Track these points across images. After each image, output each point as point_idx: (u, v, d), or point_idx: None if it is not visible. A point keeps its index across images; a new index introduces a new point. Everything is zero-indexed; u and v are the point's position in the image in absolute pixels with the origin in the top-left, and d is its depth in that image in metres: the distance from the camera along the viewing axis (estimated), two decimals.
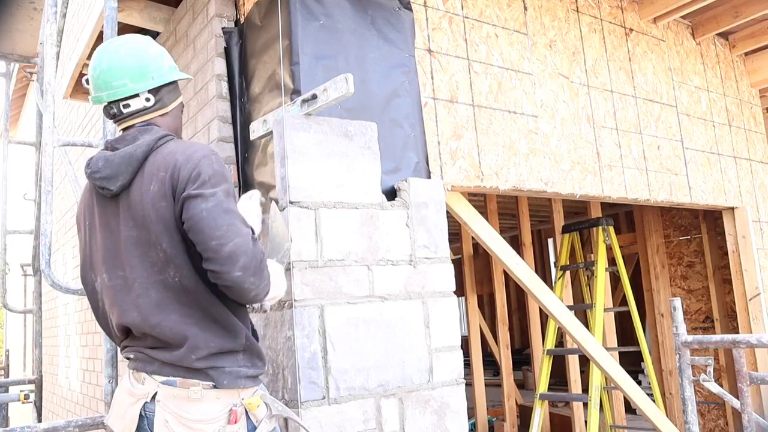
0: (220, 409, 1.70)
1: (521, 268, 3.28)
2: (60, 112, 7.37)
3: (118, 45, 1.90)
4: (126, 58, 1.86)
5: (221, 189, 1.69)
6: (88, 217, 1.89)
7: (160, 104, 1.90)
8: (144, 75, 1.86)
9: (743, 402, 3.03)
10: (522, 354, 10.96)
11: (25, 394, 4.33)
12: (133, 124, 1.88)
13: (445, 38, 3.04)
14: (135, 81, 1.85)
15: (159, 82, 1.88)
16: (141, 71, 1.86)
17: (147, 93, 1.87)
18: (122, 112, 1.87)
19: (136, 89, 1.85)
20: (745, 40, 4.71)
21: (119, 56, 1.86)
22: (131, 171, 1.77)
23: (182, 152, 1.75)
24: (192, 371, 1.71)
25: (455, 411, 2.60)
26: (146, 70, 1.87)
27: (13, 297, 8.70)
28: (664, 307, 6.22)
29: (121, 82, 1.84)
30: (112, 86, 1.85)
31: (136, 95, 1.86)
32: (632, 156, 3.76)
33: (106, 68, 1.85)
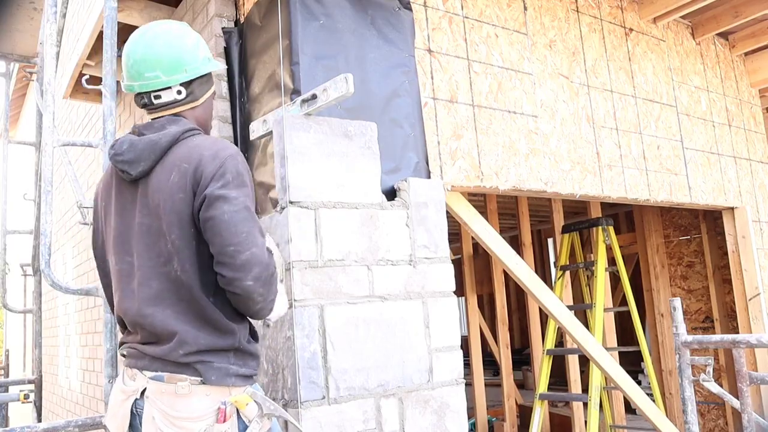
0: (207, 405, 1.66)
1: (521, 268, 3.28)
2: (60, 112, 7.37)
3: (155, 35, 1.85)
4: (161, 51, 1.82)
5: (244, 193, 1.69)
6: (104, 198, 1.90)
7: (191, 97, 1.88)
8: (177, 68, 1.83)
9: (743, 402, 3.03)
10: (522, 354, 10.96)
11: (25, 394, 4.33)
12: (163, 115, 1.86)
13: (445, 38, 3.04)
14: (168, 74, 1.82)
15: (191, 76, 1.85)
16: (174, 64, 1.83)
17: (179, 86, 1.84)
18: (153, 103, 1.85)
19: (168, 82, 1.82)
20: (745, 40, 4.71)
21: (154, 48, 1.83)
22: (153, 158, 1.76)
23: (209, 147, 1.74)
24: (180, 366, 1.68)
25: (455, 411, 2.60)
26: (180, 63, 1.83)
27: (12, 297, 8.70)
28: (664, 307, 6.22)
29: (153, 74, 1.82)
30: (144, 77, 1.82)
31: (168, 87, 1.83)
32: (632, 156, 3.76)
33: (140, 59, 1.82)
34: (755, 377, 3.03)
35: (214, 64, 1.94)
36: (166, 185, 1.71)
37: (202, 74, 1.88)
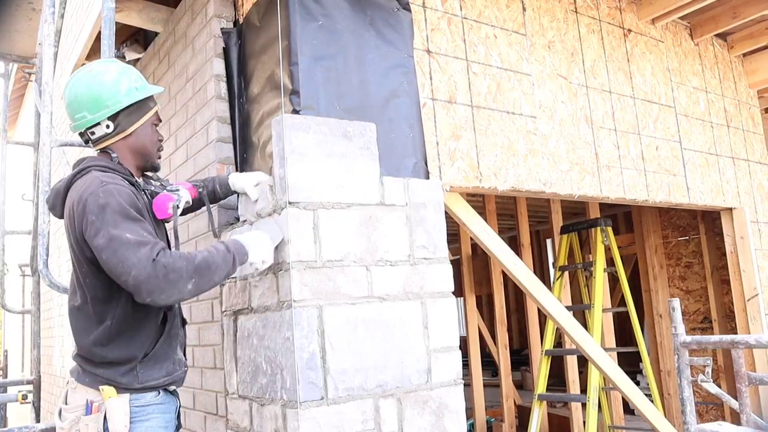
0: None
1: (520, 269, 3.28)
2: (58, 113, 7.35)
3: (77, 79, 2.06)
4: (82, 92, 2.03)
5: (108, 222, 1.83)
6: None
7: (119, 129, 2.08)
8: (99, 105, 2.03)
9: (741, 402, 3.04)
10: (520, 354, 10.96)
11: (24, 394, 4.32)
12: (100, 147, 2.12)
13: (443, 39, 3.04)
14: (92, 112, 2.03)
15: (114, 110, 2.04)
16: (96, 102, 2.02)
17: (107, 120, 2.04)
18: (91, 139, 2.10)
19: (94, 119, 2.04)
20: (744, 41, 4.72)
21: (76, 91, 2.04)
22: (60, 203, 2.04)
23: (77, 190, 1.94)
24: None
25: (453, 411, 2.59)
26: (101, 100, 2.02)
27: (11, 297, 8.68)
28: (663, 308, 6.23)
29: (80, 115, 2.04)
30: (75, 119, 2.06)
31: (97, 123, 2.05)
32: (631, 157, 3.76)
33: (69, 103, 2.06)
34: (754, 378, 3.03)
35: (142, 92, 2.10)
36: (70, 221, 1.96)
37: (125, 106, 2.06)
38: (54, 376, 7.41)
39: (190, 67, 3.25)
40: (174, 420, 2.14)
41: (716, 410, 5.85)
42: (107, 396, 1.94)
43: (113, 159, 2.09)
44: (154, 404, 2.04)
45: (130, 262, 1.77)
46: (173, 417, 2.13)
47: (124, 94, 2.05)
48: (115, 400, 1.94)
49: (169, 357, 2.12)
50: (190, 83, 3.24)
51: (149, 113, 2.14)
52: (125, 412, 1.94)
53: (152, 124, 2.17)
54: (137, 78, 2.12)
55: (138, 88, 2.09)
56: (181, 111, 3.34)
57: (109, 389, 1.95)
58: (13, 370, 11.31)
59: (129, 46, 4.09)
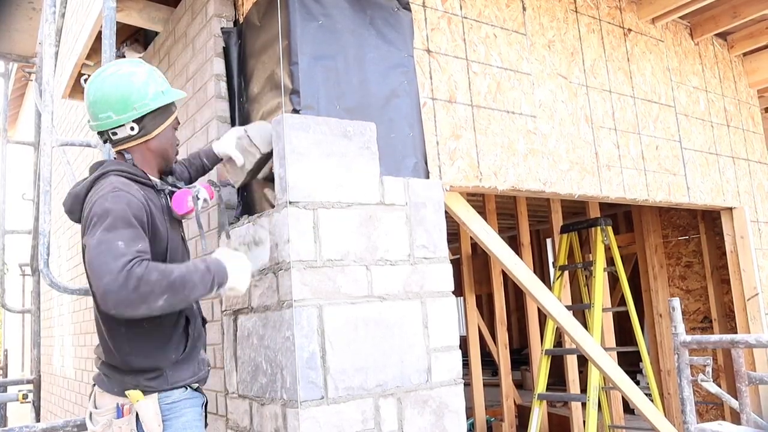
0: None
1: (520, 268, 3.28)
2: (58, 112, 7.37)
3: (104, 77, 2.02)
4: (110, 92, 1.99)
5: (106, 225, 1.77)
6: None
7: (143, 132, 2.04)
8: (126, 107, 1.99)
9: (742, 402, 3.04)
10: (520, 354, 10.96)
11: (24, 393, 4.32)
12: (121, 149, 2.07)
13: (443, 38, 3.04)
14: (119, 113, 1.99)
15: (141, 113, 2.01)
16: (124, 104, 1.98)
17: (132, 122, 2.01)
18: (112, 139, 2.05)
19: (120, 121, 1.99)
20: (744, 41, 4.72)
21: (103, 90, 2.00)
22: (79, 208, 1.97)
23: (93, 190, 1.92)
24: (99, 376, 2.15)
25: (453, 411, 2.60)
26: (129, 102, 1.99)
27: (11, 297, 8.68)
28: (663, 307, 6.23)
29: (105, 115, 1.99)
30: (98, 118, 2.00)
31: (121, 125, 2.01)
32: (631, 156, 3.76)
33: (93, 101, 2.01)
34: (754, 377, 3.03)
35: (168, 96, 2.08)
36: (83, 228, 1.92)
37: (153, 109, 2.03)
38: (54, 376, 7.41)
39: (190, 67, 3.25)
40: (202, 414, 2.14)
41: (716, 410, 5.85)
42: (135, 399, 1.93)
43: (128, 161, 2.05)
44: (184, 399, 2.03)
45: (107, 268, 1.70)
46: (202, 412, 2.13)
47: (152, 98, 2.03)
48: (144, 402, 1.93)
49: (195, 358, 2.11)
50: (190, 83, 3.24)
51: (171, 117, 2.13)
52: (156, 412, 1.94)
53: (173, 128, 2.16)
54: (163, 81, 2.11)
55: (164, 92, 2.07)
56: (182, 110, 3.34)
57: (135, 393, 1.93)
58: (13, 370, 11.32)
59: (129, 46, 4.09)
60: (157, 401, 1.95)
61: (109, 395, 1.97)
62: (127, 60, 2.12)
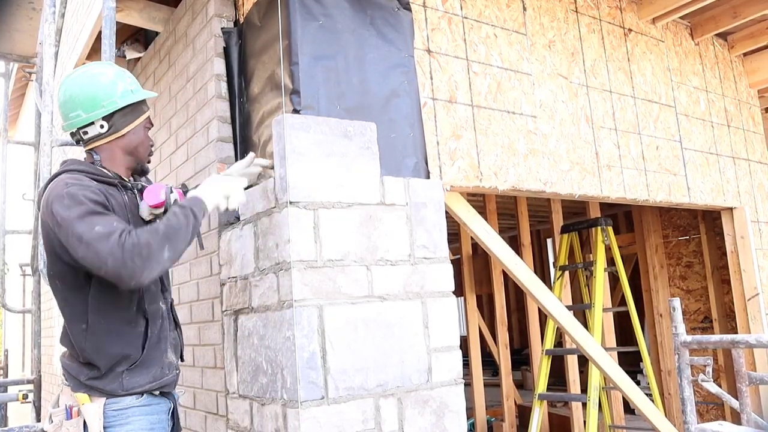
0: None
1: (520, 269, 3.28)
2: (58, 112, 7.35)
3: (73, 78, 2.09)
4: (78, 91, 2.05)
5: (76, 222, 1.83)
6: None
7: (113, 129, 2.08)
8: (95, 105, 2.04)
9: (742, 402, 3.04)
10: (521, 354, 10.97)
11: (24, 394, 4.32)
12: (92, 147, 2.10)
13: (444, 38, 3.04)
14: (87, 111, 2.04)
15: (110, 110, 2.05)
16: (92, 102, 2.04)
17: (101, 120, 2.05)
18: (83, 139, 2.09)
19: (89, 119, 2.04)
20: (744, 41, 4.72)
21: (72, 90, 2.05)
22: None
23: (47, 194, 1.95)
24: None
25: (454, 411, 2.60)
26: (97, 99, 2.04)
27: (11, 297, 8.68)
28: (663, 308, 6.23)
29: (75, 114, 2.05)
30: (69, 117, 2.06)
31: (91, 123, 2.05)
32: (631, 156, 3.76)
33: (63, 102, 2.07)
34: (754, 377, 3.03)
35: (137, 95, 2.12)
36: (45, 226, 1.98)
37: (121, 107, 2.07)
38: (54, 376, 7.41)
39: (190, 67, 3.25)
40: (166, 421, 2.11)
41: (717, 410, 5.85)
42: (81, 402, 1.95)
43: (95, 161, 2.08)
44: (134, 407, 2.01)
45: (104, 253, 1.78)
46: (163, 418, 2.09)
47: (120, 96, 2.07)
48: (89, 406, 1.94)
49: (157, 361, 2.08)
50: (190, 83, 3.24)
51: (143, 116, 2.16)
52: (99, 417, 1.93)
53: (144, 128, 2.18)
54: (132, 81, 2.15)
55: (133, 91, 2.12)
56: (182, 110, 3.34)
57: (82, 396, 1.95)
58: (13, 370, 11.31)
59: (129, 46, 4.09)
60: (102, 407, 1.95)
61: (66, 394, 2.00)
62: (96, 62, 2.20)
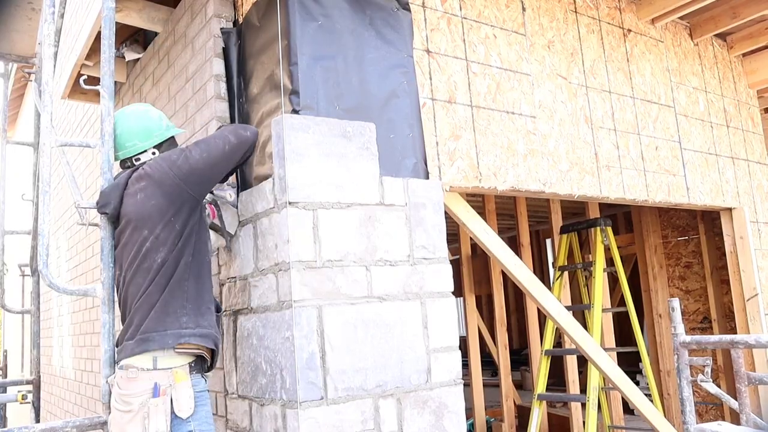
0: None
1: (519, 269, 3.28)
2: (58, 112, 7.36)
3: (126, 114, 2.49)
4: (134, 124, 2.45)
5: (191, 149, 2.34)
6: None
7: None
8: (149, 135, 2.46)
9: (741, 402, 3.04)
10: (520, 354, 10.96)
11: (23, 394, 4.32)
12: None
13: (443, 39, 3.04)
14: (143, 140, 2.45)
15: (161, 139, 2.48)
16: (147, 132, 2.46)
17: (152, 148, 2.45)
18: (134, 164, 2.44)
19: (144, 147, 2.45)
20: (743, 41, 4.72)
21: (128, 123, 2.46)
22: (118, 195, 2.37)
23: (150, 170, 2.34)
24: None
25: (453, 411, 2.60)
26: (150, 131, 2.46)
27: (11, 297, 8.68)
28: (662, 308, 6.23)
29: (132, 143, 2.44)
30: (125, 147, 2.45)
31: (144, 151, 2.45)
32: (630, 157, 3.76)
33: (120, 133, 2.45)
34: (753, 378, 3.03)
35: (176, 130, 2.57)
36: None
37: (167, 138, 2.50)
38: (54, 376, 7.41)
39: (189, 67, 3.25)
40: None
41: (716, 410, 5.85)
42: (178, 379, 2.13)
43: None
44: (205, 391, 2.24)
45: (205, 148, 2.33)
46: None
47: (165, 129, 2.50)
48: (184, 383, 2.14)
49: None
50: (189, 83, 3.24)
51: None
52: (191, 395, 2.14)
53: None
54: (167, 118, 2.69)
55: (171, 126, 2.56)
56: (181, 111, 3.34)
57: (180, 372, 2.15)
58: (12, 370, 11.31)
59: (129, 46, 4.09)
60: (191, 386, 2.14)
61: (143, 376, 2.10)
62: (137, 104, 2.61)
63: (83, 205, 2.54)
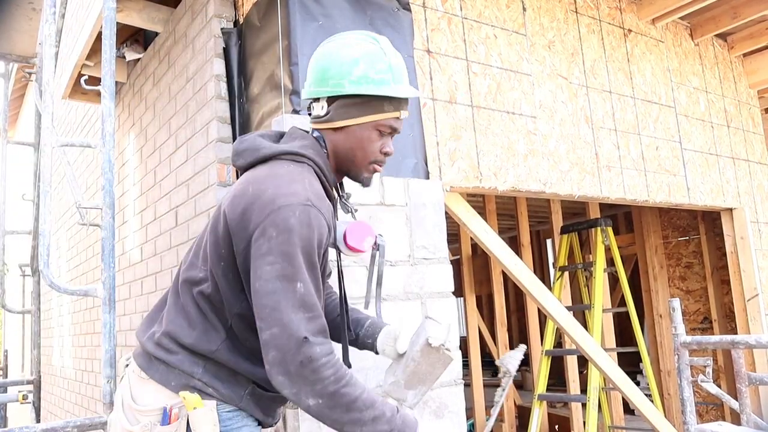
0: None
1: (520, 269, 3.28)
2: (59, 113, 7.36)
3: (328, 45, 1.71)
4: (319, 59, 1.68)
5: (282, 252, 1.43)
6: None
7: (328, 117, 1.66)
8: (323, 80, 1.65)
9: (742, 403, 3.04)
10: None
11: (24, 394, 4.32)
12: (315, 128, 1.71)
13: (443, 39, 3.04)
14: (316, 85, 1.67)
15: (334, 92, 1.63)
16: (322, 76, 1.65)
17: (326, 100, 1.65)
18: (311, 114, 1.71)
19: (314, 93, 1.67)
20: (744, 41, 4.72)
21: (317, 56, 1.70)
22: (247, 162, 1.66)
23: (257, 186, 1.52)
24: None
25: (453, 411, 2.59)
26: (326, 75, 1.64)
27: (11, 297, 8.68)
28: (663, 308, 6.23)
29: (308, 83, 1.71)
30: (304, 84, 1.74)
31: (317, 99, 1.68)
32: (631, 157, 3.76)
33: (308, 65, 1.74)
34: (754, 378, 3.03)
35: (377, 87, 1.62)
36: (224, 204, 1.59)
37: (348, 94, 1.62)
38: (54, 376, 7.41)
39: (190, 67, 3.25)
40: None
41: (716, 410, 5.85)
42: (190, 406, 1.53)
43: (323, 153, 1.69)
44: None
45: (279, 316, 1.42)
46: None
47: (352, 81, 1.62)
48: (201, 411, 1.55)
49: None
50: (190, 83, 3.24)
51: (378, 115, 1.66)
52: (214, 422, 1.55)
53: (377, 130, 1.68)
54: (386, 70, 1.65)
55: (377, 81, 1.62)
56: (182, 111, 3.34)
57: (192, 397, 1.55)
58: (13, 370, 11.31)
59: (129, 46, 4.09)
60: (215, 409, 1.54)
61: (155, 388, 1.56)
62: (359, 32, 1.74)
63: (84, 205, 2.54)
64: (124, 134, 4.45)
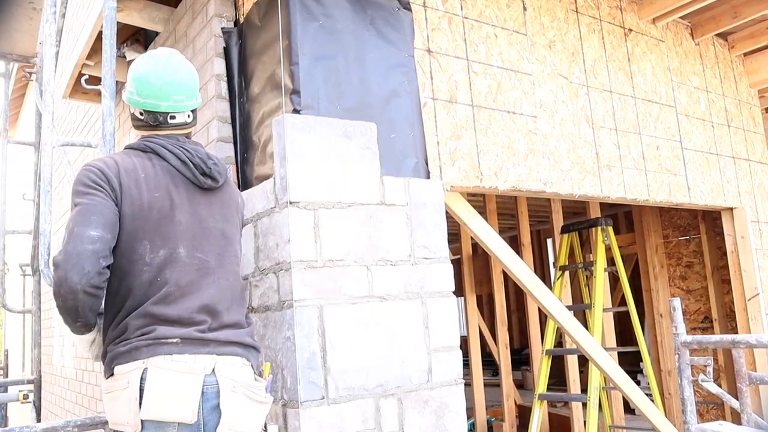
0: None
1: (520, 268, 3.28)
2: (59, 112, 7.36)
3: (179, 63, 2.04)
4: (186, 77, 2.02)
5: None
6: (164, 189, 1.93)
7: (194, 121, 2.09)
8: (194, 95, 2.05)
9: (742, 402, 3.04)
10: (521, 354, 10.96)
11: (24, 394, 4.32)
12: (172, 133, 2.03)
13: (444, 38, 3.04)
14: (189, 99, 2.03)
15: (199, 104, 2.09)
16: (193, 91, 2.04)
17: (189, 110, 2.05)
18: (167, 122, 2.01)
19: (189, 106, 2.03)
20: (744, 41, 4.72)
21: (181, 74, 2.01)
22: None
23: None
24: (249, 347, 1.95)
25: (454, 411, 2.60)
26: (195, 90, 2.06)
27: (12, 297, 8.68)
28: (663, 308, 6.23)
29: (180, 98, 2.00)
30: (172, 99, 1.99)
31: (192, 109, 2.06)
32: (631, 156, 3.76)
33: (170, 82, 1.99)
34: (754, 377, 3.03)
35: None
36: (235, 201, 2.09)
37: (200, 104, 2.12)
38: (54, 376, 7.41)
39: None
40: None
41: (717, 410, 5.85)
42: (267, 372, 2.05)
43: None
44: None
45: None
46: None
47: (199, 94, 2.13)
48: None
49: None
50: None
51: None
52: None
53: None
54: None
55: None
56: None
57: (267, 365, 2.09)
58: (13, 370, 11.32)
59: (129, 46, 4.09)
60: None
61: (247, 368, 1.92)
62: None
63: None
64: (124, 134, 4.45)
